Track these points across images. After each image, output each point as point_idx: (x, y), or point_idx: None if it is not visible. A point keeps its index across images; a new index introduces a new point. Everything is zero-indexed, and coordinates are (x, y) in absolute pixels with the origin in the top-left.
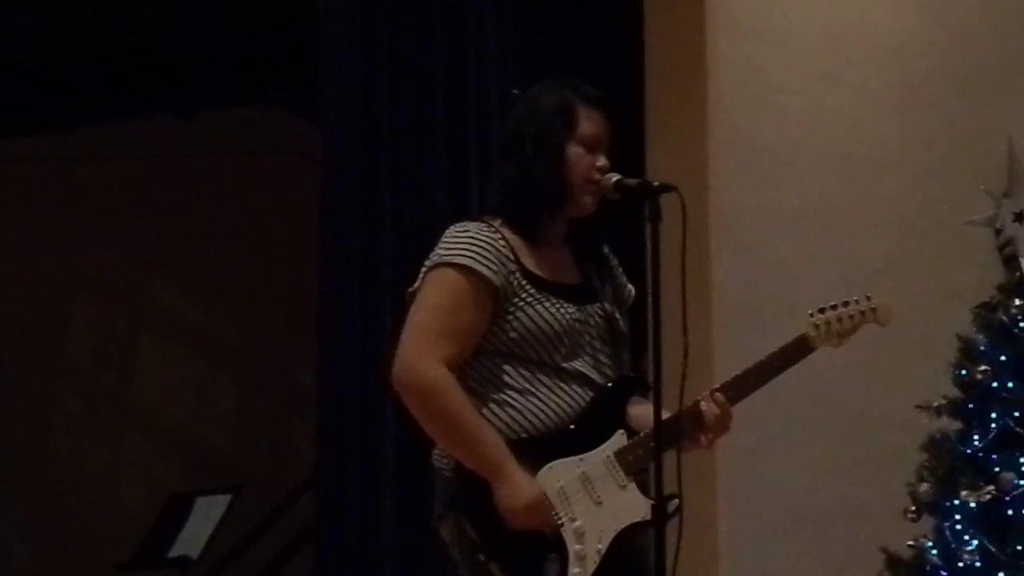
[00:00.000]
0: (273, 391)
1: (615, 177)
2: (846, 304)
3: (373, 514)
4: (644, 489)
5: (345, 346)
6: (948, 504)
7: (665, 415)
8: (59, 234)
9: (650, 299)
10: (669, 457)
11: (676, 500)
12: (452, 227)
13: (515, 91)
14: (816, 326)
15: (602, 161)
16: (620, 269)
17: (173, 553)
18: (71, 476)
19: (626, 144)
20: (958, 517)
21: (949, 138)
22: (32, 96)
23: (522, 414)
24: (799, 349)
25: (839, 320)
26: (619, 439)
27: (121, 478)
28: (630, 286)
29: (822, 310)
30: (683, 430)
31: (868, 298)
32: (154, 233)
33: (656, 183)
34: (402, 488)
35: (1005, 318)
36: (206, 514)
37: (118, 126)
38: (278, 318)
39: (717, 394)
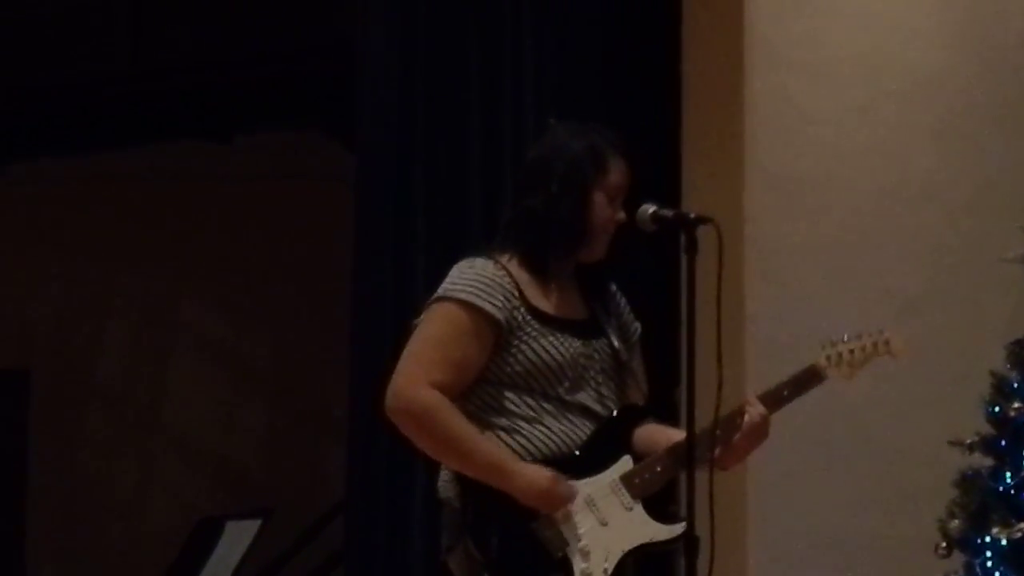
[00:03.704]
0: (304, 415)
1: (652, 208)
2: (859, 337)
3: (402, 540)
4: (656, 513)
5: (377, 371)
6: (979, 541)
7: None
8: (92, 255)
9: (685, 329)
10: (701, 489)
11: (683, 523)
12: (459, 263)
13: (552, 120)
14: (828, 357)
15: (621, 215)
16: (627, 307)
17: None
18: (101, 497)
19: (662, 174)
20: (989, 554)
21: (983, 173)
22: (67, 117)
23: (528, 439)
24: (809, 379)
25: (851, 352)
26: (625, 463)
27: (151, 500)
28: (636, 323)
29: (834, 342)
30: (704, 453)
31: (881, 331)
32: (187, 255)
33: (693, 214)
34: (431, 515)
35: None
36: (236, 538)
37: (153, 148)
38: (311, 342)
39: (759, 404)
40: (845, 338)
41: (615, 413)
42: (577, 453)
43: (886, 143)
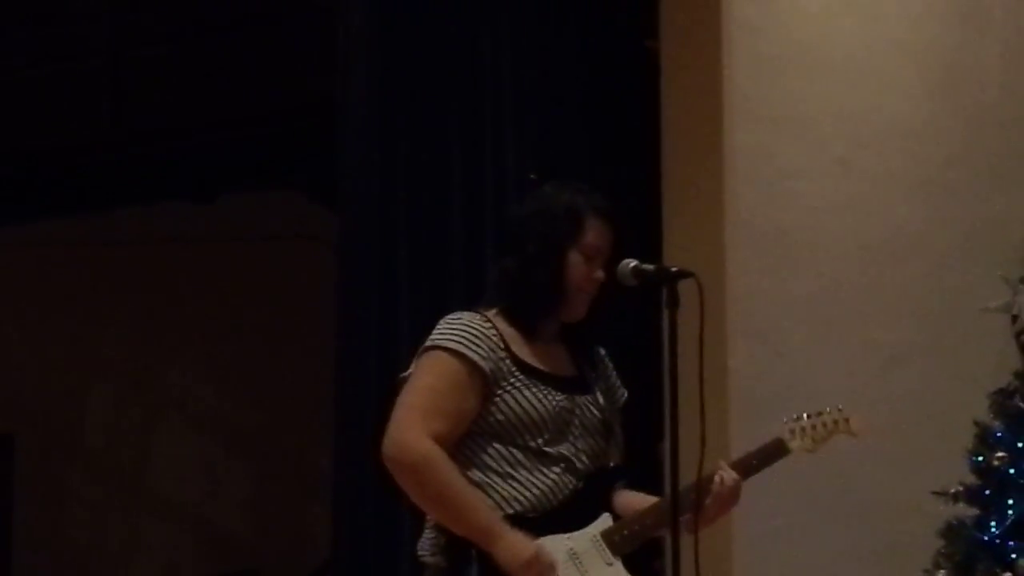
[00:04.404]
0: (290, 476)
1: (632, 263)
2: (819, 414)
3: None
4: (636, 569)
5: (362, 431)
6: None
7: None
8: (75, 317)
9: (667, 384)
10: (686, 544)
11: None
12: (446, 316)
13: (532, 176)
14: (792, 431)
15: (599, 274)
16: (614, 372)
17: None
18: (87, 560)
19: (643, 229)
20: None
21: (966, 225)
22: (49, 179)
23: (509, 494)
24: (775, 451)
25: (813, 428)
26: (604, 520)
27: (137, 561)
28: (624, 390)
29: (798, 418)
30: (685, 510)
31: (840, 410)
32: (170, 317)
33: (674, 269)
34: (418, 573)
35: (1022, 404)
36: None
37: (135, 209)
38: (295, 402)
39: (731, 470)
40: (806, 416)
41: (594, 472)
42: (559, 508)
43: (867, 196)
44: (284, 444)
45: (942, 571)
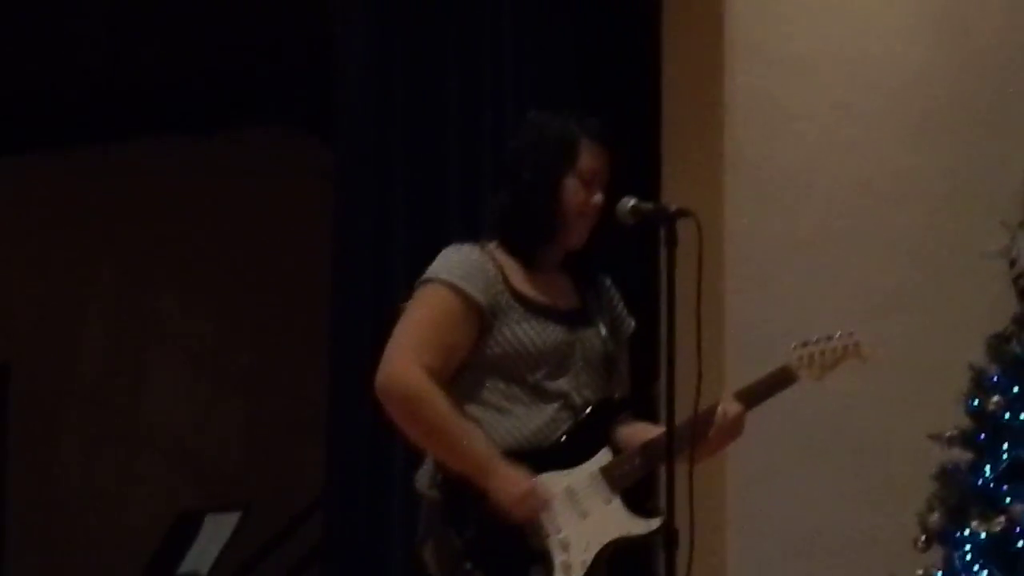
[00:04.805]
0: (283, 410)
1: (631, 201)
2: (829, 339)
3: (381, 535)
4: (634, 507)
5: (356, 366)
6: (958, 535)
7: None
8: (70, 251)
9: (665, 324)
10: (680, 482)
11: (661, 518)
12: (446, 249)
13: (531, 113)
14: (800, 358)
15: (598, 197)
16: (621, 302)
17: (182, 570)
18: (80, 492)
19: (642, 169)
20: (968, 548)
21: (965, 168)
22: (46, 113)
23: (506, 429)
24: (782, 379)
25: (822, 354)
26: (604, 456)
27: (130, 495)
28: (630, 320)
29: (805, 343)
30: (682, 447)
31: (851, 334)
32: (166, 251)
33: (673, 208)
34: (410, 510)
35: (1019, 349)
36: (215, 532)
37: (133, 143)
38: (289, 337)
39: (734, 402)
40: (815, 339)
41: (594, 406)
42: (558, 443)
43: (866, 139)
44: (278, 379)
45: (935, 514)
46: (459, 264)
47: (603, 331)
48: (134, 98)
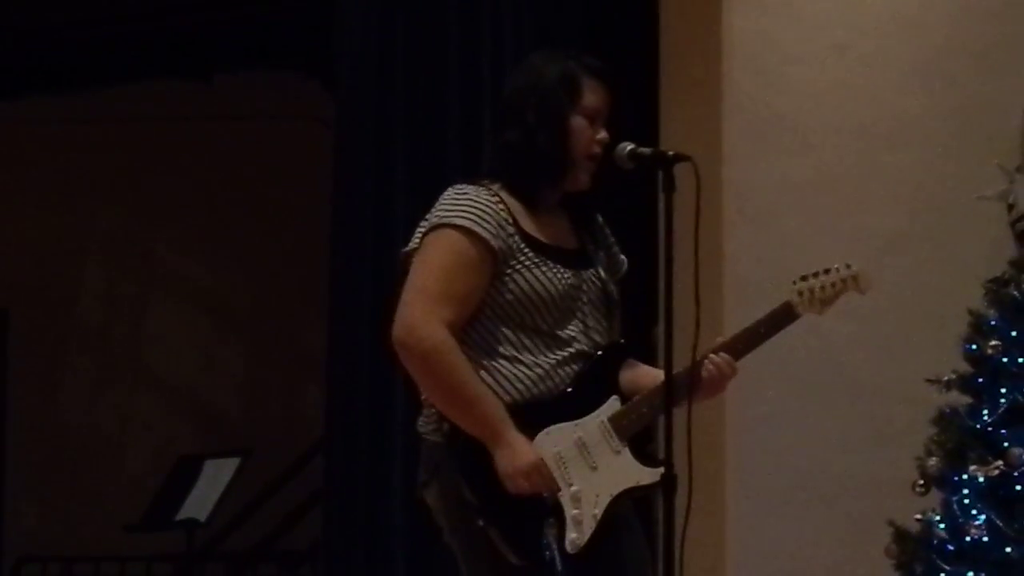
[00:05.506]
0: (284, 355)
1: (629, 146)
2: (827, 272)
3: (382, 479)
4: (641, 455)
5: (356, 311)
6: (956, 479)
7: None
8: (70, 196)
9: (663, 269)
10: (679, 428)
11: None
12: (450, 189)
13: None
14: (800, 293)
15: (603, 134)
16: (613, 239)
17: (181, 515)
18: (81, 437)
19: (640, 114)
20: (966, 492)
21: (963, 112)
22: (44, 57)
23: (517, 378)
24: (784, 316)
25: (822, 288)
26: (612, 404)
27: (130, 440)
28: (623, 257)
29: (804, 278)
30: (683, 394)
31: (848, 266)
32: (166, 196)
33: (671, 153)
34: (411, 454)
35: (1017, 293)
36: (215, 477)
37: (133, 87)
38: (289, 282)
39: (721, 352)
40: (814, 273)
41: (602, 351)
42: (567, 392)
43: (865, 82)
44: (278, 323)
45: (933, 458)
46: (469, 206)
47: (601, 272)
48: (134, 42)
